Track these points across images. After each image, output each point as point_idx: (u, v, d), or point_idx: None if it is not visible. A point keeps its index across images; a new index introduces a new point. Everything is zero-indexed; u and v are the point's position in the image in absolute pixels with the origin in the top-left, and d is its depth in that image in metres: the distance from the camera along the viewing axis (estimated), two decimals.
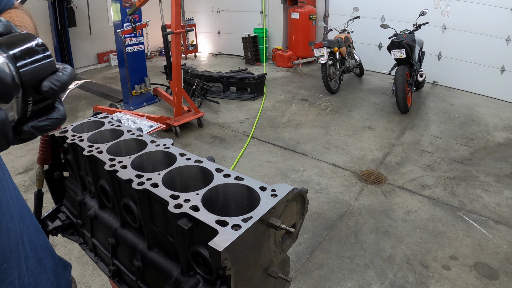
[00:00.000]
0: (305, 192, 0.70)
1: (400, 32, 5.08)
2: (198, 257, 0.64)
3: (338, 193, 3.23)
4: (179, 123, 4.38)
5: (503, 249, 2.52)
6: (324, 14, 7.82)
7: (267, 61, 8.17)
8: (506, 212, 2.93)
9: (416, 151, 4.00)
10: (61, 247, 2.53)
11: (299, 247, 2.56)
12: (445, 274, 2.31)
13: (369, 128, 4.63)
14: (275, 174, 3.56)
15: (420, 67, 5.19)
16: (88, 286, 2.23)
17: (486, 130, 4.55)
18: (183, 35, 8.19)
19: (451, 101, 5.65)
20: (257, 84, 5.83)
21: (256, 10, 8.46)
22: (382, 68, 6.51)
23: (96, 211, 0.92)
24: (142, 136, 0.91)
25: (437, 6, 6.12)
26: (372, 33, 6.83)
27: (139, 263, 0.78)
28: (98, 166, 0.84)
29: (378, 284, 2.24)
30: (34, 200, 1.11)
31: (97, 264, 0.96)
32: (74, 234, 1.09)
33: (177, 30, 4.17)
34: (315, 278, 2.30)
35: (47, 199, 1.14)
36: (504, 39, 5.56)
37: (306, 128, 4.64)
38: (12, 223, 0.60)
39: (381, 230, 2.74)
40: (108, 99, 5.88)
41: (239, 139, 4.37)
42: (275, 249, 0.68)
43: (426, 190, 3.27)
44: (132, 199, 0.76)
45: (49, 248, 0.81)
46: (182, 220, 0.61)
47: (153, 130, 1.25)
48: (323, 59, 5.42)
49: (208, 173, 0.75)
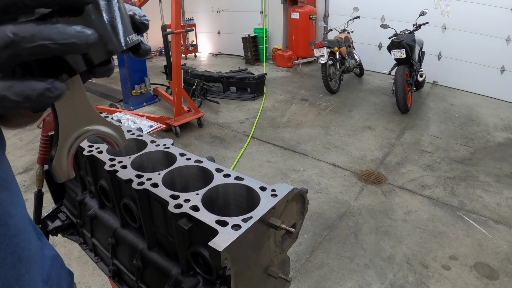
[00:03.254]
0: (305, 192, 0.70)
1: (400, 32, 5.08)
2: (198, 257, 0.64)
3: (338, 193, 3.23)
4: (179, 123, 4.38)
5: (503, 249, 2.52)
6: (324, 14, 7.83)
7: (267, 61, 8.18)
8: (506, 212, 2.93)
9: (416, 151, 4.00)
10: (61, 247, 2.52)
11: (299, 247, 2.56)
12: (445, 274, 2.31)
13: (369, 128, 4.63)
14: (275, 174, 3.56)
15: (420, 67, 5.19)
16: (88, 286, 2.23)
17: (486, 130, 4.55)
18: (183, 35, 8.19)
19: (451, 101, 5.65)
20: (257, 84, 5.83)
21: (256, 10, 8.46)
22: (382, 68, 6.52)
23: (96, 211, 0.92)
24: (142, 136, 0.91)
25: (437, 6, 6.12)
26: (372, 33, 6.84)
27: (139, 263, 0.78)
28: (98, 166, 0.84)
29: (378, 284, 2.24)
30: (34, 200, 1.11)
31: (97, 264, 0.96)
32: (74, 234, 1.08)
33: (177, 30, 4.17)
34: (315, 278, 2.30)
35: (47, 199, 1.14)
36: (504, 39, 5.56)
37: (306, 128, 4.64)
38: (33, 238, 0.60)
39: (381, 230, 2.74)
40: (108, 99, 5.88)
41: (239, 139, 4.37)
42: (275, 249, 0.68)
43: (426, 190, 3.27)
44: (132, 199, 0.76)
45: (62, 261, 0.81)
46: (182, 220, 0.61)
47: (153, 130, 1.26)
48: (323, 59, 5.42)
49: (208, 173, 0.75)
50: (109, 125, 0.46)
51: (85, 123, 0.44)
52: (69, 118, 0.42)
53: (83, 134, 0.44)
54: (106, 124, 0.46)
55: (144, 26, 0.44)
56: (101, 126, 0.46)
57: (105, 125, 0.46)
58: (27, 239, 0.56)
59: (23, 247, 0.53)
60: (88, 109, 0.44)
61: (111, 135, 0.47)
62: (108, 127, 0.46)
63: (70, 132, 0.43)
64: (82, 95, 0.43)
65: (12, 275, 0.50)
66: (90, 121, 0.44)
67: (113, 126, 0.47)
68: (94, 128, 0.45)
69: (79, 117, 0.43)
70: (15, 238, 0.52)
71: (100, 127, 0.46)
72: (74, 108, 0.42)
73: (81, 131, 0.44)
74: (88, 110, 0.44)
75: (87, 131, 0.44)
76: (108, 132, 0.47)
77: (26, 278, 0.53)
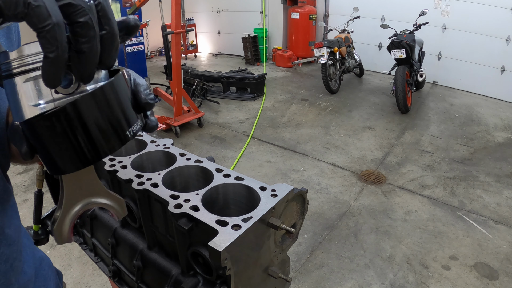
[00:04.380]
0: (305, 192, 0.70)
1: (400, 32, 5.08)
2: (198, 257, 0.64)
3: (338, 193, 3.23)
4: (179, 123, 4.38)
5: (503, 249, 2.52)
6: (324, 14, 7.83)
7: (267, 61, 8.17)
8: (506, 212, 2.93)
9: (416, 151, 4.00)
10: (61, 247, 2.52)
11: (299, 247, 2.56)
12: (445, 274, 2.31)
13: (369, 128, 4.63)
14: (275, 174, 3.56)
15: (420, 67, 5.19)
16: (88, 286, 2.23)
17: (486, 130, 4.55)
18: (183, 35, 8.19)
19: (451, 101, 5.65)
20: (257, 84, 5.83)
21: (256, 10, 8.46)
22: (382, 68, 6.52)
23: (96, 211, 0.92)
24: (142, 136, 0.91)
25: (437, 6, 6.12)
26: (372, 33, 6.84)
27: (139, 263, 0.78)
28: (98, 166, 0.84)
29: (378, 284, 2.24)
30: (34, 200, 1.11)
31: (97, 264, 0.96)
32: (74, 234, 1.08)
33: (177, 30, 4.17)
34: (315, 278, 2.30)
35: (47, 199, 1.14)
36: (504, 39, 5.56)
37: (306, 128, 4.64)
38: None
39: (381, 230, 2.74)
40: None
41: (239, 139, 4.37)
42: (275, 249, 0.68)
43: (426, 190, 3.27)
44: (132, 199, 0.76)
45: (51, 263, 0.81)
46: (182, 220, 0.61)
47: None
48: (323, 59, 5.42)
49: (208, 173, 0.75)
50: (112, 197, 0.49)
51: (89, 195, 0.46)
52: (75, 189, 0.45)
53: (86, 205, 0.46)
54: (109, 196, 0.49)
55: (149, 107, 0.44)
56: (104, 199, 0.48)
57: (108, 198, 0.49)
58: (19, 250, 0.56)
59: (15, 258, 0.53)
60: (94, 181, 0.46)
61: (112, 207, 0.50)
62: (110, 200, 0.49)
63: (75, 202, 0.45)
64: (89, 169, 0.45)
65: (4, 282, 0.50)
66: (94, 193, 0.47)
67: (116, 198, 0.50)
68: (97, 201, 0.47)
69: (84, 189, 0.45)
70: (9, 247, 0.52)
71: (104, 200, 0.48)
72: (80, 181, 0.45)
73: (85, 202, 0.46)
74: (94, 183, 0.46)
75: (90, 202, 0.47)
76: (110, 204, 0.49)
77: (15, 287, 0.53)
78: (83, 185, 0.45)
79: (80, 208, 0.45)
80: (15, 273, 0.54)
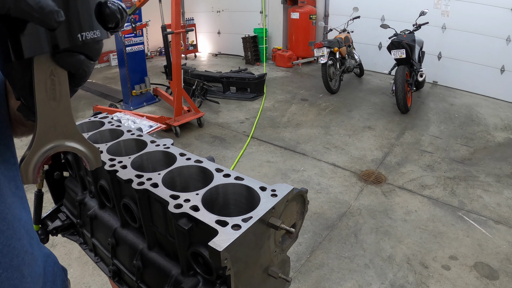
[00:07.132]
0: (305, 192, 0.70)
1: (400, 32, 5.08)
2: (198, 257, 0.64)
3: (338, 193, 3.23)
4: (179, 123, 4.38)
5: (503, 249, 2.52)
6: (324, 14, 7.82)
7: (267, 61, 8.17)
8: (506, 212, 2.93)
9: (416, 151, 4.00)
10: (61, 247, 2.52)
11: (299, 247, 2.56)
12: (445, 274, 2.31)
13: (369, 128, 4.63)
14: (275, 174, 3.56)
15: (420, 67, 5.19)
16: (88, 286, 2.23)
17: (486, 130, 4.55)
18: (183, 35, 8.20)
19: (451, 101, 5.65)
20: (257, 84, 5.83)
21: (256, 10, 8.46)
22: (382, 68, 6.51)
23: (96, 211, 0.92)
24: (142, 136, 0.91)
25: (437, 6, 6.12)
26: (372, 33, 6.83)
27: (139, 263, 0.78)
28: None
29: (378, 284, 2.24)
30: (34, 200, 1.11)
31: (97, 264, 0.96)
32: (74, 234, 1.08)
33: (177, 30, 4.17)
34: (315, 278, 2.30)
35: (47, 199, 1.14)
36: (504, 39, 5.56)
37: (306, 128, 4.64)
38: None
39: (381, 230, 2.74)
40: (108, 99, 5.87)
41: (239, 139, 4.37)
42: (275, 249, 0.68)
43: (426, 190, 3.27)
44: (132, 199, 0.76)
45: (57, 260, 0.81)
46: (182, 220, 0.61)
47: (153, 130, 1.26)
48: (323, 59, 5.42)
49: (208, 173, 0.75)
50: (87, 145, 0.47)
51: (63, 137, 0.45)
52: (48, 128, 0.43)
53: (57, 147, 0.44)
54: (84, 143, 0.47)
55: (111, 19, 0.41)
56: (78, 144, 0.46)
57: (82, 144, 0.47)
58: (30, 243, 0.56)
59: (26, 251, 0.54)
60: (69, 124, 0.44)
61: (85, 154, 0.48)
62: (85, 147, 0.47)
63: (46, 141, 0.43)
64: (66, 109, 0.43)
65: (17, 276, 0.51)
66: (68, 136, 0.45)
67: (91, 147, 0.48)
68: (70, 145, 0.46)
69: (59, 130, 0.44)
70: (19, 241, 0.52)
71: (77, 145, 0.46)
72: (55, 120, 0.43)
73: (57, 144, 0.44)
74: (69, 126, 0.45)
75: (62, 145, 0.45)
76: (83, 151, 0.47)
77: (28, 280, 0.54)
78: (58, 125, 0.43)
79: (50, 148, 0.43)
80: (27, 267, 0.54)
